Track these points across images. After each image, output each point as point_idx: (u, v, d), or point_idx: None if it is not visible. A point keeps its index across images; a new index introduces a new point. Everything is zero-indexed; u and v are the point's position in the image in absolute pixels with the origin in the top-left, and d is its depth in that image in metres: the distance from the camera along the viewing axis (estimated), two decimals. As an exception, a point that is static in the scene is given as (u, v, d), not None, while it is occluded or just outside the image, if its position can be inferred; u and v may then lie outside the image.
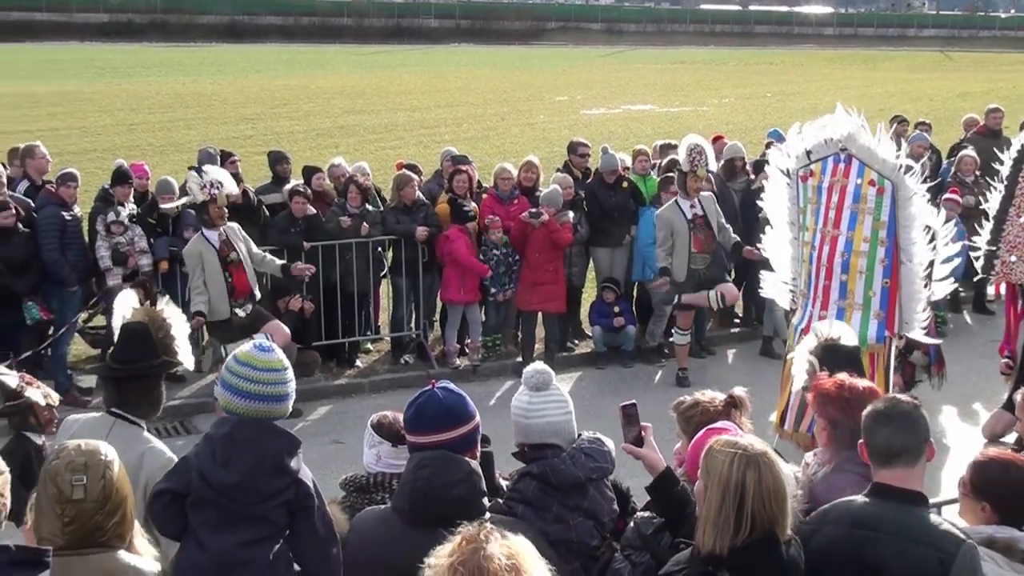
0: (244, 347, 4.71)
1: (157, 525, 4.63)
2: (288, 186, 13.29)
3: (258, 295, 11.58)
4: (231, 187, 11.50)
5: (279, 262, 11.84)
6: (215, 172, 11.42)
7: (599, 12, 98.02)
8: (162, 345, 5.71)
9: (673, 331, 13.40)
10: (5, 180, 12.43)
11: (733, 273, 14.08)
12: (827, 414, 5.39)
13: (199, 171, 11.61)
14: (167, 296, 6.35)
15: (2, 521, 3.64)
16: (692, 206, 12.65)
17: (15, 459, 5.49)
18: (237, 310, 11.22)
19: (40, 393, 7.27)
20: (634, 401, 5.10)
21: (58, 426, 7.57)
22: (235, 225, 11.46)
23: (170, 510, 4.54)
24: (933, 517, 4.48)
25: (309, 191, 13.16)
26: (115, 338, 5.96)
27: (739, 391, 5.37)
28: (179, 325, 5.96)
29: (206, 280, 11.13)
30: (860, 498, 4.51)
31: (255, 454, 4.44)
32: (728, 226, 13.00)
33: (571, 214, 13.34)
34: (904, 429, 4.49)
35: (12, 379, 7.29)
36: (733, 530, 4.02)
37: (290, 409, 4.70)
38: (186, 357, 6.04)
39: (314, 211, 13.01)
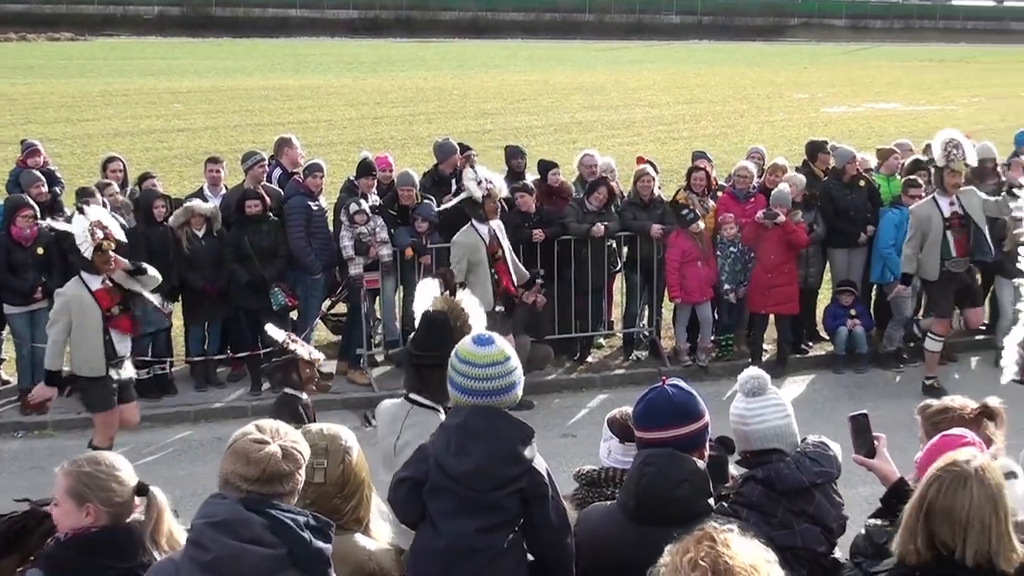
0: (463, 342, 4.78)
1: (397, 513, 4.72)
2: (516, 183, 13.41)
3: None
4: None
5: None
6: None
7: (844, 8, 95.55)
8: (460, 333, 5.83)
9: (927, 336, 12.98)
10: (266, 170, 13.08)
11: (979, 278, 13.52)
12: None
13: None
14: (467, 287, 6.52)
15: (297, 492, 3.85)
16: (951, 203, 12.22)
17: (287, 413, 5.70)
18: None
19: (305, 351, 7.64)
20: (865, 411, 4.96)
21: (317, 386, 7.98)
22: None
23: (409, 498, 4.61)
24: None
25: (531, 186, 13.26)
26: (416, 326, 6.14)
27: (994, 401, 5.14)
28: (476, 315, 6.09)
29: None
30: None
31: (489, 442, 4.49)
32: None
33: (800, 213, 13.07)
34: None
35: (279, 334, 7.69)
36: (909, 541, 4.00)
37: (519, 396, 4.72)
38: None
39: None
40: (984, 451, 4.53)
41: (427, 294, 6.30)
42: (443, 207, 12.73)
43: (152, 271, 9.95)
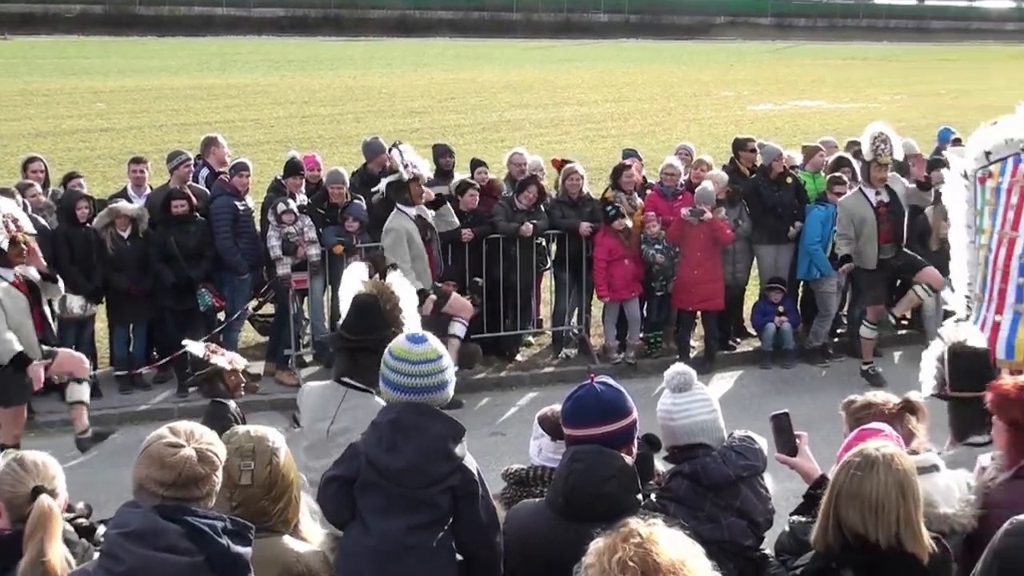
0: (397, 340, 4.77)
1: (326, 513, 4.69)
2: (455, 180, 13.42)
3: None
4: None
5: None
6: None
7: (768, 7, 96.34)
8: (391, 316, 5.79)
9: (863, 324, 13.14)
10: (192, 170, 12.95)
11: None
12: (1008, 416, 5.11)
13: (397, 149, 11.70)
14: (397, 269, 6.52)
15: (214, 494, 3.78)
16: (877, 194, 12.39)
17: (218, 423, 5.64)
18: None
19: (225, 360, 7.57)
20: (786, 411, 5.03)
21: (246, 391, 7.89)
22: None
23: (339, 497, 4.61)
24: None
25: (478, 184, 13.26)
26: (344, 309, 6.11)
27: (916, 395, 5.21)
28: (406, 298, 6.07)
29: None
30: None
31: (421, 439, 4.50)
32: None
33: (724, 210, 13.16)
34: None
35: (199, 348, 7.61)
36: (824, 529, 4.09)
37: (451, 394, 4.73)
38: (414, 327, 6.07)
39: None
40: (902, 445, 4.60)
41: (354, 278, 6.28)
42: (375, 191, 12.50)
43: (59, 284, 9.81)
